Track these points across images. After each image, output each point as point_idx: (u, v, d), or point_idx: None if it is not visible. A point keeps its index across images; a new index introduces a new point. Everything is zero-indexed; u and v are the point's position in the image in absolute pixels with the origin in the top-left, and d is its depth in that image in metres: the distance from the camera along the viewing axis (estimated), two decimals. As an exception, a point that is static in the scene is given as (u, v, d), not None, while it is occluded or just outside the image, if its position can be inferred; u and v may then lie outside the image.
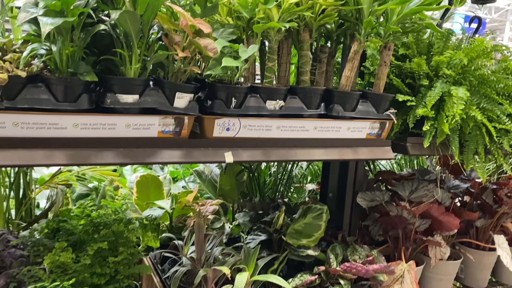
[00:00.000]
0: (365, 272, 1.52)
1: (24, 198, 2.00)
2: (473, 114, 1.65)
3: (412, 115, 1.66)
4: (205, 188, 2.43)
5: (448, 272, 1.93)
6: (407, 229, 1.85)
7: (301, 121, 1.41)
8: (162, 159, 1.25)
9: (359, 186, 1.93)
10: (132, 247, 1.45)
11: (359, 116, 1.49)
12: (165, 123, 1.23)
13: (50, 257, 1.27)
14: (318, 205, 1.64)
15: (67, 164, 1.15)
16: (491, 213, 2.07)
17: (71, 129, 1.14)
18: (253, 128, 1.35)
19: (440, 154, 1.76)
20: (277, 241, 1.70)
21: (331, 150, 1.48)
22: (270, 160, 1.39)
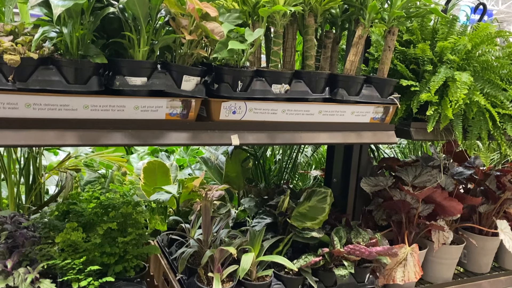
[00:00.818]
0: (368, 254, 1.55)
1: (34, 184, 2.04)
2: (476, 99, 1.67)
3: (416, 100, 1.68)
4: (211, 175, 2.46)
5: (451, 256, 1.96)
6: (410, 214, 1.87)
7: (306, 105, 1.43)
8: (169, 141, 1.28)
9: (363, 172, 1.95)
10: (141, 228, 1.48)
11: (363, 100, 1.51)
12: (173, 105, 1.26)
13: (61, 236, 1.31)
14: (323, 189, 1.66)
15: (77, 145, 1.18)
16: (494, 199, 2.09)
17: (81, 111, 1.17)
18: (259, 111, 1.38)
19: (443, 139, 1.78)
20: (282, 224, 1.73)
21: (335, 134, 1.50)
22: (275, 143, 1.42)
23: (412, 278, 1.71)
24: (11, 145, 1.14)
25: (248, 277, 1.51)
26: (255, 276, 1.52)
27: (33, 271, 1.23)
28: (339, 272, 1.52)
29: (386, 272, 1.75)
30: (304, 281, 1.57)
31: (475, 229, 2.12)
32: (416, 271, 1.71)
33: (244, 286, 1.49)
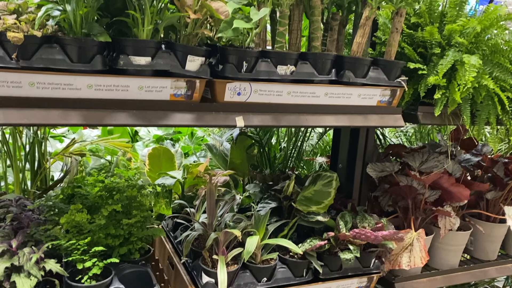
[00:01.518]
0: (374, 238, 1.54)
1: (39, 169, 2.04)
2: (485, 83, 1.64)
3: (424, 84, 1.66)
4: (216, 161, 2.46)
5: (458, 243, 1.94)
6: (417, 199, 1.85)
7: (312, 87, 1.42)
8: (174, 122, 1.27)
9: (369, 158, 1.93)
10: (145, 211, 1.48)
11: (370, 82, 1.49)
12: (177, 86, 1.25)
13: (66, 217, 1.31)
14: (328, 173, 1.65)
15: (82, 124, 1.18)
16: (502, 186, 2.07)
17: (85, 90, 1.16)
18: (264, 93, 1.36)
19: (451, 124, 1.75)
20: (287, 208, 1.72)
21: (341, 117, 1.49)
22: (280, 125, 1.40)
23: (418, 263, 1.69)
24: (15, 124, 1.13)
25: (253, 260, 1.51)
26: (260, 259, 1.52)
27: (38, 251, 1.23)
28: (345, 256, 1.51)
29: (392, 258, 1.74)
30: (309, 265, 1.57)
31: (482, 216, 2.10)
32: (422, 256, 1.69)
33: (248, 269, 1.49)
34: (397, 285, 1.79)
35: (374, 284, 1.68)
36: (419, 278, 1.86)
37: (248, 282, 1.47)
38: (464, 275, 1.97)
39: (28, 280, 1.16)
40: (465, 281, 1.99)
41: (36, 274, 1.17)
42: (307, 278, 1.56)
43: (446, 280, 1.93)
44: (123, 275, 1.39)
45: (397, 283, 1.79)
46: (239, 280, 1.46)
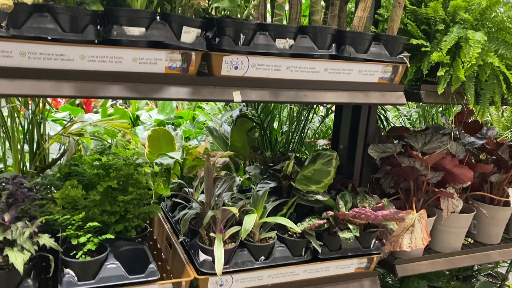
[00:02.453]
0: (374, 218, 1.51)
1: (38, 150, 2.03)
2: (490, 61, 1.60)
3: (427, 61, 1.62)
4: (216, 144, 2.43)
5: (460, 225, 1.91)
6: (419, 181, 1.82)
7: (312, 62, 1.38)
8: (169, 95, 1.24)
9: (371, 139, 1.90)
10: (142, 188, 1.46)
11: (371, 58, 1.45)
12: (172, 58, 1.22)
13: (61, 192, 1.29)
14: (328, 151, 1.62)
15: (74, 96, 1.15)
16: (506, 168, 2.03)
17: (78, 61, 1.14)
18: (262, 67, 1.33)
19: (454, 103, 1.72)
20: (287, 188, 1.69)
21: (341, 93, 1.45)
22: (279, 101, 1.37)
23: (420, 244, 1.67)
24: (6, 95, 1.11)
25: (250, 239, 1.49)
26: (258, 238, 1.50)
27: (31, 225, 1.21)
28: (344, 235, 1.49)
29: (393, 239, 1.72)
30: (308, 244, 1.55)
31: (486, 199, 2.07)
32: (424, 238, 1.67)
33: (246, 247, 1.47)
34: (398, 267, 1.77)
35: (374, 265, 1.66)
36: (420, 261, 1.83)
37: (245, 260, 1.45)
38: (466, 258, 1.94)
39: (21, 254, 1.15)
40: (467, 264, 1.97)
41: (29, 249, 1.16)
42: (306, 258, 1.54)
43: (448, 263, 1.90)
44: (119, 252, 1.38)
45: (398, 265, 1.77)
46: (237, 258, 1.44)
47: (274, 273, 1.49)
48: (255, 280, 1.48)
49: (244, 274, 1.45)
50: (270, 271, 1.48)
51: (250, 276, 1.46)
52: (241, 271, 1.44)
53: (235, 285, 1.46)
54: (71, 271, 1.25)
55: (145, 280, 1.32)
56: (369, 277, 1.67)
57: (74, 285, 1.24)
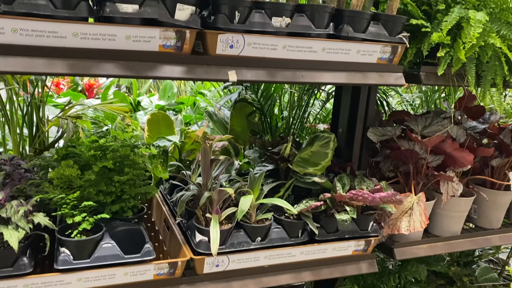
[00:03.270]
0: (371, 200, 1.50)
1: (37, 133, 2.03)
2: (492, 42, 1.57)
3: (427, 42, 1.59)
4: (216, 129, 2.43)
5: (460, 209, 1.90)
6: (419, 164, 1.81)
7: (309, 41, 1.36)
8: (163, 74, 1.23)
9: (371, 122, 1.88)
10: (138, 169, 1.46)
11: (370, 38, 1.43)
12: (166, 36, 1.21)
13: (56, 171, 1.29)
14: (326, 133, 1.61)
15: (67, 74, 1.15)
16: (508, 152, 2.01)
17: (70, 39, 1.13)
18: (257, 46, 1.31)
19: (455, 85, 1.69)
20: (284, 170, 1.69)
21: (339, 74, 1.44)
22: (275, 81, 1.36)
23: (418, 227, 1.66)
24: (-2, 72, 1.11)
25: (247, 220, 1.49)
26: (255, 219, 1.49)
27: (26, 204, 1.21)
28: (341, 217, 1.48)
29: (391, 222, 1.71)
30: (305, 226, 1.54)
31: (487, 184, 2.05)
32: (422, 221, 1.66)
33: (243, 228, 1.46)
34: (396, 251, 1.76)
35: (372, 247, 1.65)
36: (419, 244, 1.83)
37: (242, 241, 1.45)
38: (465, 242, 1.93)
39: (16, 232, 1.15)
40: (466, 248, 1.96)
41: (24, 227, 1.16)
42: (303, 239, 1.54)
43: (447, 247, 1.89)
44: (115, 232, 1.38)
45: (396, 249, 1.76)
46: (233, 239, 1.44)
47: (270, 254, 1.49)
48: (252, 261, 1.48)
49: (240, 255, 1.45)
50: (267, 252, 1.48)
51: (247, 257, 1.46)
52: (237, 251, 1.44)
53: (231, 265, 1.46)
54: (67, 250, 1.26)
55: (140, 259, 1.32)
56: (367, 260, 1.66)
57: (69, 263, 1.25)
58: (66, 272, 1.25)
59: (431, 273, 2.52)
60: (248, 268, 1.48)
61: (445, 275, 2.47)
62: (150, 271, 1.36)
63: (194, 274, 1.44)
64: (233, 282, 1.47)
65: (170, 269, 1.38)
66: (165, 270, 1.38)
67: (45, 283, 1.25)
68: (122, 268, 1.31)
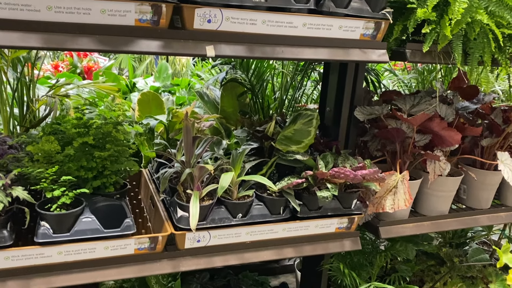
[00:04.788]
0: (353, 177, 1.50)
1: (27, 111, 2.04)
2: (479, 18, 1.55)
3: (413, 19, 1.57)
4: (207, 109, 2.43)
5: (448, 188, 1.89)
6: (406, 143, 1.80)
7: (289, 16, 1.35)
8: (139, 49, 1.23)
9: (358, 101, 1.87)
10: (121, 146, 1.47)
11: (352, 13, 1.42)
12: (142, 10, 1.20)
13: (35, 146, 1.30)
14: (309, 111, 1.60)
15: (42, 48, 1.15)
16: (498, 132, 1.99)
17: (45, 12, 1.12)
18: (236, 21, 1.30)
19: (441, 62, 1.67)
20: (268, 149, 1.69)
21: (321, 50, 1.42)
22: (254, 56, 1.35)
23: (402, 205, 1.66)
24: (-28, 45, 1.11)
25: (228, 197, 1.50)
26: (236, 196, 1.50)
27: (5, 178, 1.23)
28: (321, 194, 1.48)
29: (376, 200, 1.71)
30: (287, 203, 1.55)
31: (476, 164, 2.04)
32: (406, 199, 1.66)
33: (224, 205, 1.47)
34: (382, 229, 1.76)
35: (355, 225, 1.66)
36: (405, 223, 1.83)
37: (223, 217, 1.46)
38: (453, 222, 1.93)
39: (-6, 205, 1.17)
40: (454, 228, 1.96)
41: (2, 200, 1.18)
42: (284, 216, 1.55)
43: (434, 226, 1.89)
44: (97, 207, 1.39)
45: (381, 227, 1.76)
46: (214, 215, 1.45)
47: (252, 231, 1.50)
48: (233, 237, 1.49)
49: (221, 231, 1.46)
50: (248, 228, 1.49)
51: (228, 232, 1.47)
52: (218, 227, 1.46)
53: (213, 241, 1.47)
54: (46, 223, 1.27)
55: (120, 234, 1.34)
56: (350, 237, 1.67)
57: (48, 237, 1.27)
58: (46, 245, 1.27)
59: (422, 253, 2.53)
60: (229, 244, 1.50)
61: (436, 255, 2.48)
62: (130, 245, 1.37)
63: (176, 249, 1.46)
64: (214, 257, 1.49)
65: (151, 244, 1.40)
66: (146, 245, 1.40)
67: (25, 255, 1.27)
68: (102, 242, 1.33)
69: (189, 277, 2.16)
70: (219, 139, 1.84)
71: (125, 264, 1.39)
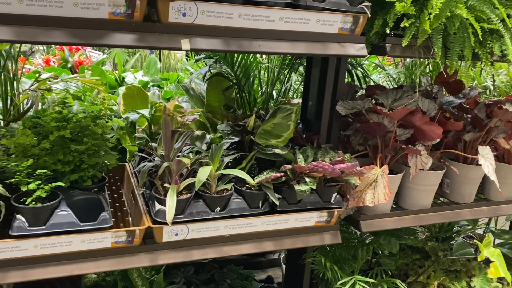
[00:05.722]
0: (331, 171, 1.51)
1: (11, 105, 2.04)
2: (458, 12, 1.55)
3: (393, 13, 1.57)
4: (193, 104, 2.42)
5: (429, 183, 1.90)
6: (387, 138, 1.81)
7: (266, 10, 1.35)
8: (113, 42, 1.23)
9: (341, 96, 1.87)
10: (98, 139, 1.47)
11: (329, 7, 1.41)
12: (115, 3, 1.20)
13: (8, 139, 1.30)
14: (288, 105, 1.61)
15: (14, 41, 1.15)
16: (481, 127, 2.00)
17: (16, 5, 1.12)
18: (212, 14, 1.30)
19: (421, 57, 1.68)
20: (249, 143, 1.69)
21: (298, 44, 1.42)
22: (230, 50, 1.35)
23: (382, 199, 1.67)
24: None
25: (207, 190, 1.50)
26: (215, 190, 1.51)
27: (-21, 171, 1.23)
28: (299, 187, 1.49)
29: (356, 194, 1.72)
30: (266, 196, 1.55)
31: (459, 158, 2.04)
32: (386, 193, 1.66)
33: (202, 198, 1.48)
34: (363, 223, 1.77)
35: (335, 219, 1.67)
36: (386, 217, 1.84)
37: (201, 211, 1.46)
38: (435, 216, 1.94)
39: (-32, 198, 1.17)
40: (436, 222, 1.97)
41: (-24, 193, 1.18)
42: (263, 210, 1.55)
43: (416, 220, 1.90)
44: (74, 201, 1.40)
45: (362, 221, 1.77)
46: (192, 209, 1.45)
47: (230, 224, 1.51)
48: (212, 231, 1.50)
49: (199, 224, 1.47)
50: (227, 222, 1.50)
51: (206, 226, 1.48)
52: (196, 221, 1.46)
53: (191, 234, 1.48)
54: (22, 217, 1.28)
55: (96, 227, 1.34)
56: (330, 231, 1.68)
57: (24, 230, 1.27)
58: (21, 239, 1.28)
59: (408, 247, 2.54)
60: (208, 237, 1.50)
61: (422, 249, 2.49)
62: (107, 238, 1.38)
63: (154, 242, 1.46)
64: (193, 250, 1.50)
65: (128, 237, 1.41)
66: (123, 238, 1.40)
67: (1, 248, 1.27)
68: (78, 236, 1.33)
69: (173, 271, 2.17)
70: (204, 133, 1.84)
71: (102, 257, 1.39)
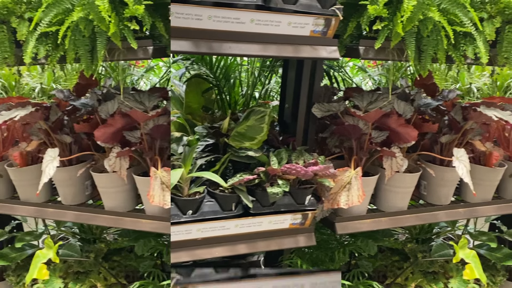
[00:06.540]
0: (304, 173, 1.51)
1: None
2: (431, 15, 1.56)
3: (366, 15, 1.58)
4: (173, 105, 2.41)
5: (405, 185, 1.90)
6: (362, 140, 1.81)
7: (236, 12, 1.35)
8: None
9: (317, 98, 1.87)
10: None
11: (300, 10, 1.42)
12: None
13: None
14: (262, 108, 1.61)
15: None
16: (457, 129, 2.01)
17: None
18: (180, 16, 1.30)
19: (395, 59, 1.68)
20: (223, 145, 1.68)
21: (269, 46, 1.42)
22: (200, 52, 1.35)
23: (356, 201, 1.67)
24: None
25: (179, 193, 1.49)
26: (187, 193, 1.50)
27: None
28: (272, 190, 1.49)
29: (331, 197, 1.72)
30: (239, 199, 1.55)
31: (436, 160, 2.06)
32: (359, 195, 1.67)
33: (173, 202, 1.47)
34: (338, 225, 1.77)
35: (309, 221, 1.67)
36: (362, 219, 1.84)
37: (172, 214, 1.45)
38: (411, 218, 1.94)
39: None
40: (412, 224, 1.98)
41: None
42: (237, 212, 1.55)
43: (392, 222, 1.91)
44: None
45: (337, 223, 1.77)
46: (163, 212, 1.45)
47: (203, 227, 1.50)
48: (183, 234, 1.49)
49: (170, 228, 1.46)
50: (198, 225, 1.49)
51: (177, 229, 1.47)
52: (167, 224, 1.45)
53: (162, 238, 1.47)
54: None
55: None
56: (305, 233, 1.68)
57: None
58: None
59: (387, 249, 2.54)
60: (180, 241, 1.49)
61: (401, 251, 2.49)
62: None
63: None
64: (165, 254, 1.49)
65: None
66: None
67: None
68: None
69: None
70: (183, 135, 1.83)
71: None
